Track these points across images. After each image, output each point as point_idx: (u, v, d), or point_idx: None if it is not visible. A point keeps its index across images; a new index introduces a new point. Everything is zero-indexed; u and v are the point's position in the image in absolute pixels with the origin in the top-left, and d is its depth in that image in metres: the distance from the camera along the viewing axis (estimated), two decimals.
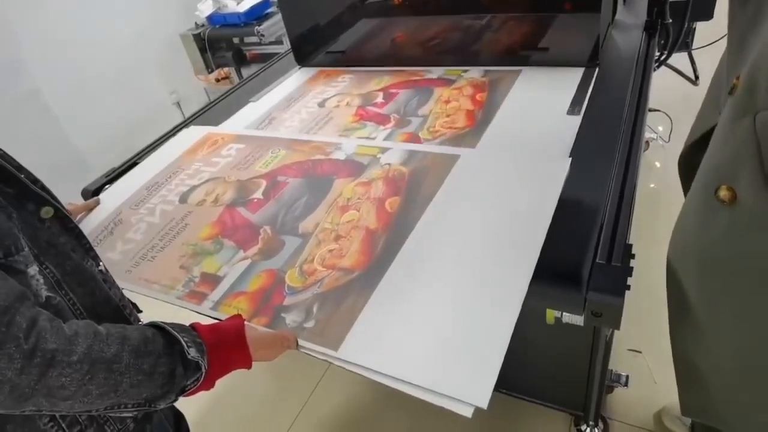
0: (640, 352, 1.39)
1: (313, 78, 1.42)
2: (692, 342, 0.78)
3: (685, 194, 0.79)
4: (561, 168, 0.80)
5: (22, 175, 0.58)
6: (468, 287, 0.66)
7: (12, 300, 0.46)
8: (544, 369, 1.13)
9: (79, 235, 0.63)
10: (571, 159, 0.82)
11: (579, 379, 1.07)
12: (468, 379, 0.56)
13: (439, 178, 0.85)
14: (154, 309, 0.80)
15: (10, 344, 0.44)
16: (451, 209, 0.79)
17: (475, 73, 1.25)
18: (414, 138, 1.03)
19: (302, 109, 1.26)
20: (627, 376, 1.19)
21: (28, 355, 0.45)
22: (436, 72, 1.29)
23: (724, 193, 0.60)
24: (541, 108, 1.05)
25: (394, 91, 1.23)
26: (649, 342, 1.38)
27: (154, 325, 0.58)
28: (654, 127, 2.15)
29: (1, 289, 0.46)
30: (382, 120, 1.12)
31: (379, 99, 1.21)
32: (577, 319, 0.72)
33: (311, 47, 1.48)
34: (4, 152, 0.60)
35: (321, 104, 1.26)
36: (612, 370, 1.19)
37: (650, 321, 1.12)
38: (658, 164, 2.08)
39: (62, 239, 0.60)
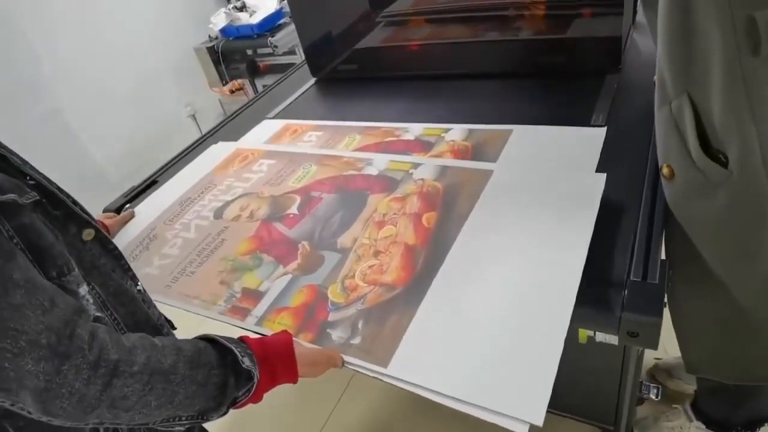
0: None
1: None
2: (686, 299, 0.85)
3: None
4: (597, 183, 0.80)
5: (66, 198, 0.59)
6: (513, 303, 0.67)
7: (71, 314, 0.47)
8: (574, 383, 1.09)
9: (118, 256, 0.64)
10: (605, 174, 0.82)
11: (610, 393, 1.04)
12: (522, 396, 0.57)
13: (474, 194, 0.86)
14: (187, 326, 0.80)
15: (76, 356, 0.45)
16: (488, 226, 0.80)
17: (457, 133, 1.05)
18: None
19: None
20: (658, 388, 1.14)
21: (93, 365, 0.46)
22: (412, 134, 1.07)
23: (666, 170, 0.71)
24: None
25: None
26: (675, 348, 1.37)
27: (206, 338, 0.59)
28: None
29: (60, 304, 0.47)
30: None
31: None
32: (612, 339, 0.70)
33: (326, 59, 1.47)
34: (46, 176, 0.60)
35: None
36: (642, 382, 1.14)
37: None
38: None
39: (103, 260, 0.61)
